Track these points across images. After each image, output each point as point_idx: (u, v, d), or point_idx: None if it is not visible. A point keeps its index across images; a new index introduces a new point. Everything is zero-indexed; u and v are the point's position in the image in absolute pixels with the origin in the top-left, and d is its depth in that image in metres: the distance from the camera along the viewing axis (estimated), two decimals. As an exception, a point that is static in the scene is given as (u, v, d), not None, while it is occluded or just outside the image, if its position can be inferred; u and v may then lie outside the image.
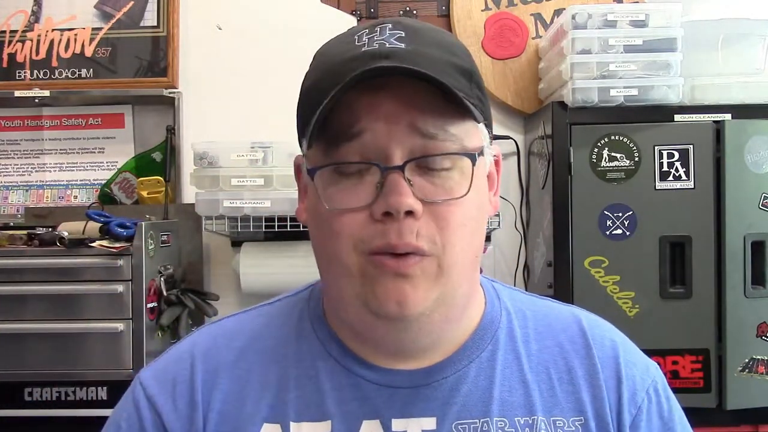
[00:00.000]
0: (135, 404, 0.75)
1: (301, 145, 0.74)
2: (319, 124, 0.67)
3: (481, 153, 0.71)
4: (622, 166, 1.81)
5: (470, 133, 0.69)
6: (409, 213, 0.65)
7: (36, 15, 2.30)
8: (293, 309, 0.80)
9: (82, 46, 2.28)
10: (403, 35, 0.68)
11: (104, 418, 0.81)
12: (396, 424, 0.71)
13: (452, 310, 0.71)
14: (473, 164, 0.68)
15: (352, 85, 0.65)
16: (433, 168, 0.67)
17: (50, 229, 1.91)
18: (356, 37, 0.69)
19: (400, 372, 0.73)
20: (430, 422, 0.71)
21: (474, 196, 0.69)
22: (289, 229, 1.96)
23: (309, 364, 0.74)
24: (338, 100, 0.66)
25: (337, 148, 0.67)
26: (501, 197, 2.15)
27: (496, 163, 0.77)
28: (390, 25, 0.69)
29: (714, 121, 1.81)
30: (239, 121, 2.23)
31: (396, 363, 0.73)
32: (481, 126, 0.72)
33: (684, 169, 1.80)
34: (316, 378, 0.73)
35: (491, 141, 0.74)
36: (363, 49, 0.67)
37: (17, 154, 2.35)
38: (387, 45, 0.67)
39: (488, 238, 2.22)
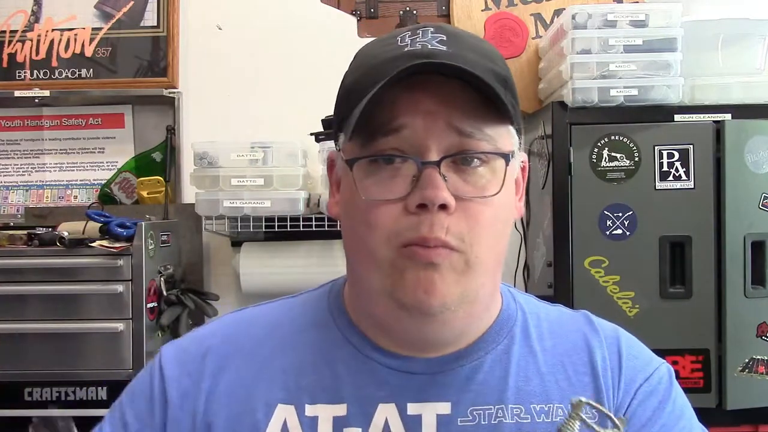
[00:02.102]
0: (151, 371, 0.80)
1: (336, 141, 0.77)
2: (360, 119, 0.69)
3: (513, 156, 0.74)
4: (622, 166, 1.81)
5: (503, 136, 0.72)
6: (443, 207, 0.68)
7: (36, 15, 2.30)
8: (314, 301, 0.83)
9: (82, 46, 2.28)
10: (445, 38, 0.71)
11: (104, 418, 0.83)
12: (411, 407, 0.73)
13: (475, 307, 0.73)
14: (506, 164, 0.71)
15: (394, 83, 0.67)
16: (466, 166, 0.70)
17: (50, 229, 1.91)
18: (398, 38, 0.72)
19: (417, 359, 0.75)
20: (445, 407, 0.73)
21: (504, 196, 0.72)
22: (289, 229, 1.96)
23: (326, 351, 0.77)
24: (380, 97, 0.68)
25: (376, 142, 0.70)
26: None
27: (523, 169, 0.80)
28: (432, 29, 0.72)
29: (714, 121, 1.81)
30: (239, 121, 2.23)
31: (414, 352, 0.75)
32: (513, 131, 0.74)
33: (684, 169, 1.80)
34: (333, 364, 0.76)
35: (520, 147, 0.77)
36: (405, 49, 0.70)
37: (17, 154, 2.35)
38: (429, 46, 0.70)
39: (488, 238, 2.22)
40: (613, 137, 1.81)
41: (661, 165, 1.80)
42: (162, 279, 1.92)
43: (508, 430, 0.72)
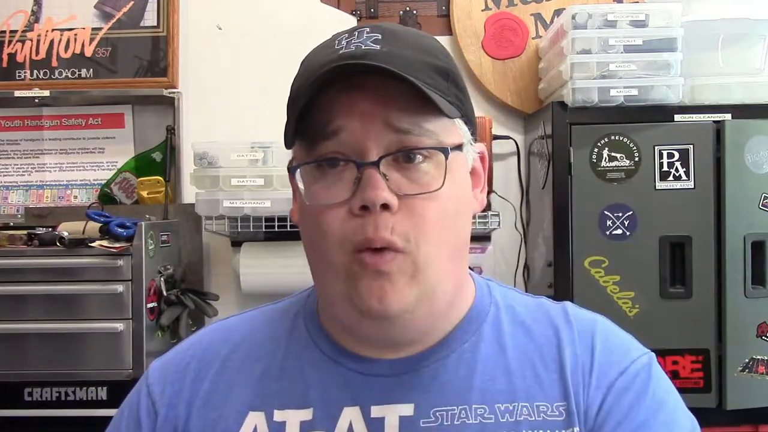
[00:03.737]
0: (138, 391, 0.81)
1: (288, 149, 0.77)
2: (296, 124, 0.70)
3: (459, 148, 0.73)
4: (622, 166, 1.81)
5: (447, 129, 0.72)
6: (385, 207, 0.68)
7: (36, 15, 2.30)
8: (292, 307, 0.84)
9: (82, 46, 2.28)
10: (380, 38, 0.71)
11: (104, 418, 0.84)
12: (375, 410, 0.73)
13: (435, 305, 0.72)
14: (446, 158, 0.70)
15: (329, 85, 0.68)
16: (408, 163, 0.70)
17: (50, 229, 1.91)
18: (336, 41, 0.72)
19: (383, 361, 0.75)
20: (409, 408, 0.73)
21: (450, 190, 0.71)
22: (289, 229, 1.96)
23: (296, 356, 0.78)
24: (316, 101, 0.69)
25: (317, 147, 0.70)
26: (501, 197, 2.18)
27: (482, 160, 0.79)
28: (368, 29, 0.72)
29: (714, 121, 1.81)
30: (239, 121, 2.23)
31: (380, 354, 0.75)
32: (459, 122, 0.74)
33: (684, 169, 1.80)
34: (301, 369, 0.77)
35: (475, 138, 0.77)
36: (340, 52, 0.70)
37: (17, 154, 2.35)
38: (363, 47, 0.70)
39: (488, 238, 2.22)
40: (613, 137, 1.81)
41: (661, 165, 1.80)
42: (162, 279, 1.92)
43: (471, 430, 0.72)
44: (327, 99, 0.69)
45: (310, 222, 0.73)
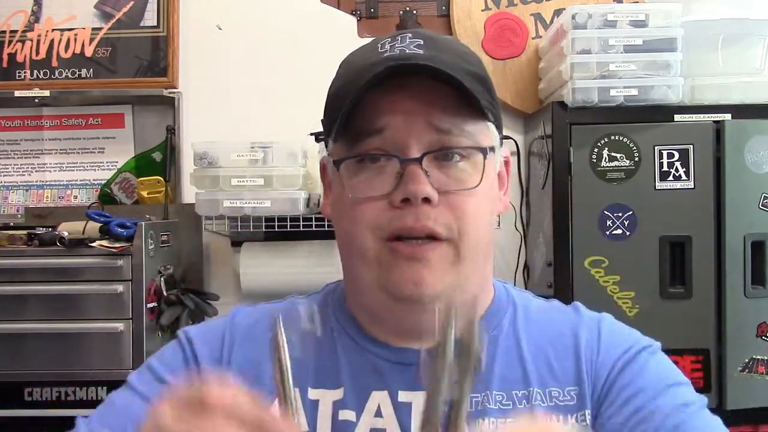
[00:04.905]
0: (179, 341, 0.84)
1: (326, 145, 0.81)
2: (344, 121, 0.74)
3: (492, 150, 0.77)
4: (622, 166, 1.81)
5: (482, 132, 0.77)
6: (426, 200, 0.72)
7: (36, 15, 2.30)
8: (319, 298, 0.88)
9: (82, 46, 2.28)
10: (422, 43, 0.75)
11: (104, 419, 0.83)
12: (402, 395, 0.77)
13: (465, 296, 0.76)
14: (485, 158, 0.75)
15: (375, 85, 0.72)
16: (447, 161, 0.74)
17: (50, 229, 1.91)
18: (379, 45, 0.77)
19: (409, 350, 0.78)
20: None
21: (486, 188, 0.76)
22: (289, 229, 1.96)
23: (329, 341, 0.81)
24: (362, 100, 0.73)
25: (361, 142, 0.74)
26: (501, 197, 2.18)
27: (506, 164, 0.84)
28: (410, 35, 0.77)
29: (714, 121, 1.81)
30: (239, 121, 2.23)
31: (406, 343, 0.78)
32: (492, 127, 0.78)
33: (684, 169, 1.80)
34: (334, 352, 0.80)
35: (502, 143, 0.81)
36: (384, 55, 0.74)
37: (17, 154, 2.35)
38: (407, 51, 0.74)
39: (488, 238, 2.22)
40: (613, 137, 1.81)
41: (661, 165, 1.80)
42: (162, 279, 1.92)
43: (492, 415, 0.75)
44: (372, 98, 0.73)
45: (345, 213, 0.77)
